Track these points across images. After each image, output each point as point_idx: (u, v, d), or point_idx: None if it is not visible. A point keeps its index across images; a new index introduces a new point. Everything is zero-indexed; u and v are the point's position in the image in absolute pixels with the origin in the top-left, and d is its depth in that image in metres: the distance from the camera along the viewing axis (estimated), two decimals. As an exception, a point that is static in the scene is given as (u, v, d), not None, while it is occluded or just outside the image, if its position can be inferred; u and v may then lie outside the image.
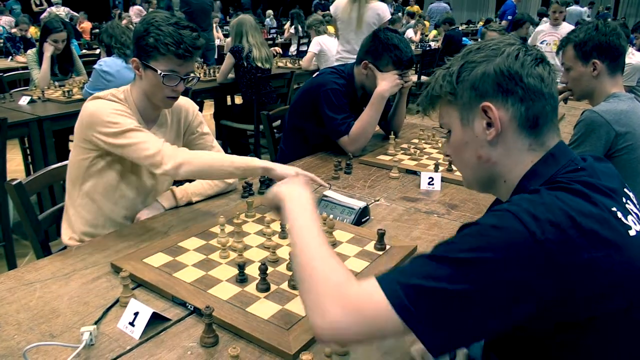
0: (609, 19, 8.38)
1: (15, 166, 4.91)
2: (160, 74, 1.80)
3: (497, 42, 1.10)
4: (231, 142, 5.42)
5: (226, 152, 2.10)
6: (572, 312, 0.90)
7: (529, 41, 6.55)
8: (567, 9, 12.80)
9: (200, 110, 5.30)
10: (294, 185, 1.23)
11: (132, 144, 1.77)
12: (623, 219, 0.95)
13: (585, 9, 13.42)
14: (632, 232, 0.94)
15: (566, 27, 6.22)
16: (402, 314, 0.89)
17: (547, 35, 5.95)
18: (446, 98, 1.12)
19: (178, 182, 2.22)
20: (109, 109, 1.81)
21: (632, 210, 1.01)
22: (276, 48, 7.86)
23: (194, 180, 2.08)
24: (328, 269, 0.99)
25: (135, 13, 12.54)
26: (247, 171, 1.84)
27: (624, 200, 1.02)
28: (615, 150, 2.10)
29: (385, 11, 4.63)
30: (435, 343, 0.89)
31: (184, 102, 2.10)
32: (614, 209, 0.95)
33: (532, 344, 0.99)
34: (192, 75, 1.89)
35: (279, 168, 1.81)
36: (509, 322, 0.89)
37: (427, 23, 14.06)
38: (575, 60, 2.22)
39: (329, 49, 6.17)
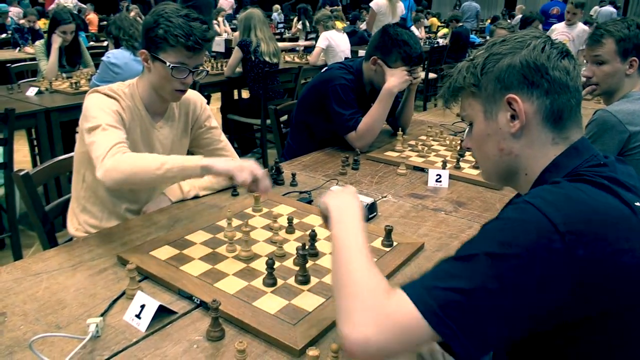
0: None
1: (22, 157, 4.92)
2: (169, 65, 1.78)
3: (522, 35, 1.09)
4: (238, 136, 5.41)
5: (232, 145, 2.09)
6: (588, 305, 0.89)
7: None
8: (600, 9, 12.86)
9: (208, 103, 5.31)
10: (343, 196, 1.22)
11: (92, 142, 1.69)
12: None
13: (614, 10, 13.37)
14: None
15: (580, 27, 6.18)
16: (432, 320, 0.86)
17: (559, 34, 5.90)
18: (469, 90, 1.12)
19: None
20: (97, 104, 1.76)
21: None
22: (302, 43, 7.89)
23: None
24: (364, 280, 0.97)
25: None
26: (185, 172, 1.61)
27: None
28: (628, 149, 2.09)
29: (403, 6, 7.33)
30: (467, 351, 0.86)
31: (192, 95, 2.08)
32: (637, 203, 0.94)
33: (543, 339, 0.98)
34: (201, 68, 1.87)
35: (218, 164, 1.58)
36: (536, 316, 0.88)
37: (434, 20, 14.07)
38: (614, 55, 2.18)
39: (337, 44, 6.16)
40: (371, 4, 7.14)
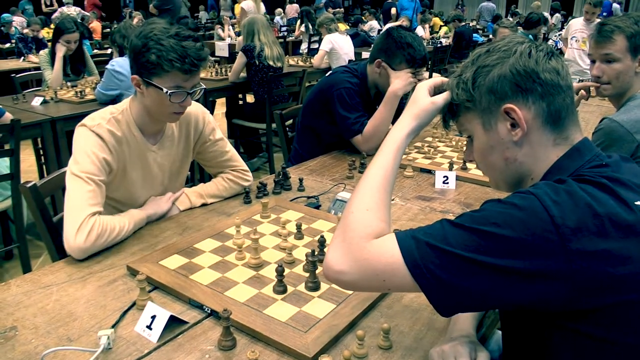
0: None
1: (28, 167, 4.93)
2: (167, 92, 1.68)
3: (506, 43, 1.10)
4: (243, 140, 5.42)
5: (238, 151, 2.09)
6: (579, 299, 0.90)
7: (563, 33, 6.49)
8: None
9: (212, 109, 5.31)
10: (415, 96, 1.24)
11: (68, 190, 1.68)
12: None
13: (617, 5, 13.35)
14: None
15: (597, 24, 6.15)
16: (412, 268, 0.94)
17: (578, 32, 5.82)
18: (464, 105, 1.12)
19: (191, 184, 2.21)
20: (84, 146, 1.71)
21: None
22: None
23: (209, 181, 2.07)
24: (358, 222, 1.06)
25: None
26: (137, 226, 1.78)
27: None
28: (636, 156, 2.03)
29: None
30: (439, 302, 0.95)
31: (193, 109, 1.98)
32: (637, 202, 0.94)
33: (535, 325, 1.00)
34: (198, 86, 1.78)
35: (151, 211, 1.86)
36: (515, 298, 0.92)
37: (437, 20, 14.08)
38: (626, 52, 2.10)
39: (340, 46, 6.17)
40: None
